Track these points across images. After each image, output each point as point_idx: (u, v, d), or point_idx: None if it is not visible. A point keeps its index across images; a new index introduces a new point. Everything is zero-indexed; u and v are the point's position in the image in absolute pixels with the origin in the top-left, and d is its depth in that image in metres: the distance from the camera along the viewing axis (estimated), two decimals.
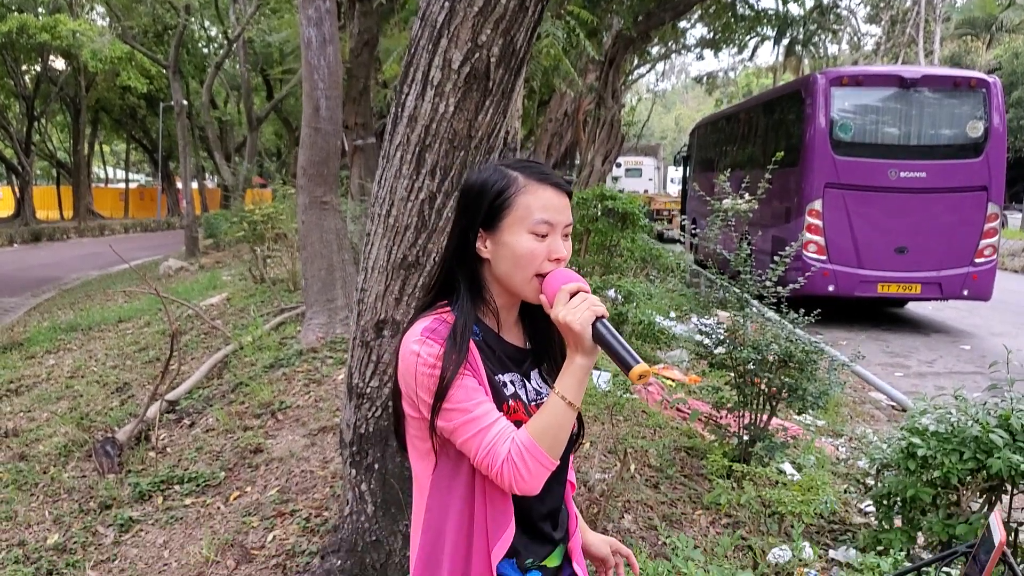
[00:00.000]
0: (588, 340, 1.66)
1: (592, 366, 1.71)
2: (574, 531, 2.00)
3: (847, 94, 12.97)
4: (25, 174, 38.63)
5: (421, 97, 3.41)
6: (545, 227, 1.76)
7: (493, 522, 1.77)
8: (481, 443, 1.70)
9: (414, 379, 1.74)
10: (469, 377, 1.73)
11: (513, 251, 1.76)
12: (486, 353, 1.81)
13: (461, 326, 1.76)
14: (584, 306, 1.67)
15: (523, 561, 1.84)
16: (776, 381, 5.01)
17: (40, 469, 5.64)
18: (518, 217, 1.76)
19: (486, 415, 1.71)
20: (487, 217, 1.79)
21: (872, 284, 12.79)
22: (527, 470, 1.67)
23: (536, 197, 1.77)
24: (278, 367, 6.69)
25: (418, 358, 1.74)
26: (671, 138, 75.63)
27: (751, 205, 5.85)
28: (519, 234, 1.76)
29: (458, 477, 1.79)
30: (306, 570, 3.88)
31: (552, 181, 1.79)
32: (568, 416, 1.69)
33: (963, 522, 3.82)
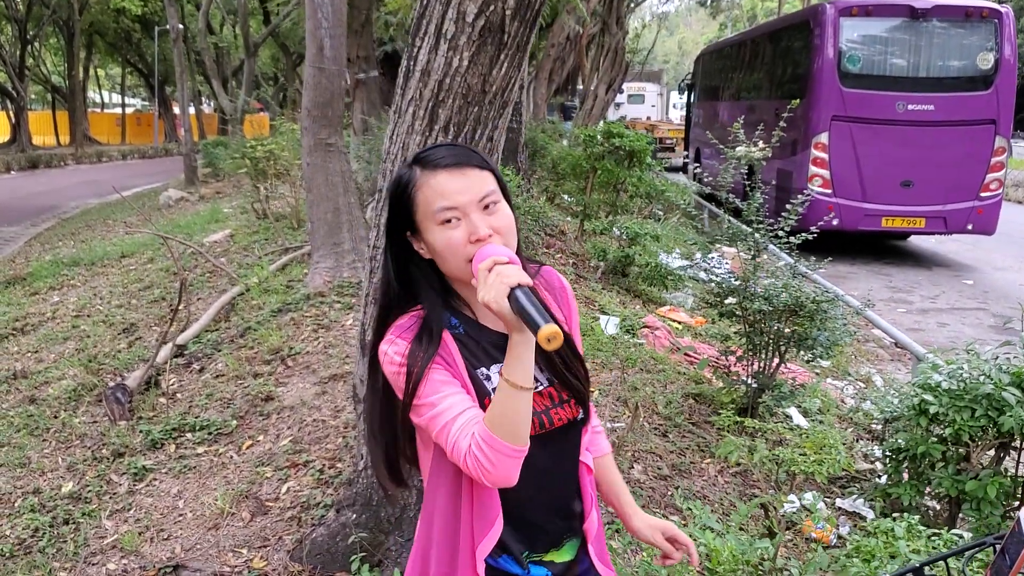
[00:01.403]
0: (508, 315, 1.54)
1: (531, 341, 1.57)
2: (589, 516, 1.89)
3: (856, 24, 12.76)
4: (20, 99, 38.11)
5: (434, 51, 3.33)
6: (449, 213, 1.66)
7: (479, 518, 1.72)
8: (446, 438, 1.63)
9: (390, 379, 1.72)
10: (439, 370, 1.68)
11: (435, 249, 1.70)
12: (468, 346, 1.75)
13: (434, 320, 1.72)
14: (496, 281, 1.55)
15: (521, 556, 1.79)
16: (786, 330, 5.01)
17: (50, 414, 5.67)
18: (424, 214, 1.69)
19: (450, 408, 1.65)
20: (406, 221, 1.74)
21: (877, 218, 12.76)
22: (489, 463, 1.58)
23: (431, 188, 1.68)
24: (286, 311, 6.68)
25: (385, 357, 1.71)
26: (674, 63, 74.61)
27: (765, 153, 5.77)
28: (431, 230, 1.69)
29: (444, 470, 1.74)
30: (321, 523, 3.92)
31: (447, 163, 1.69)
32: (521, 399, 1.58)
33: (972, 478, 3.85)
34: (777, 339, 5.15)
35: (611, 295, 7.91)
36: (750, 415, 5.20)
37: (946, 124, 12.52)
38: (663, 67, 54.64)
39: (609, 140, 9.56)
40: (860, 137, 12.56)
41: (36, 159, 34.38)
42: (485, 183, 1.70)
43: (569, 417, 1.80)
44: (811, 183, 12.53)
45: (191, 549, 3.98)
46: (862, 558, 2.83)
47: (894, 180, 12.64)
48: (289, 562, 3.79)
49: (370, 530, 3.73)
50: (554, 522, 1.83)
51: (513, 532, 1.77)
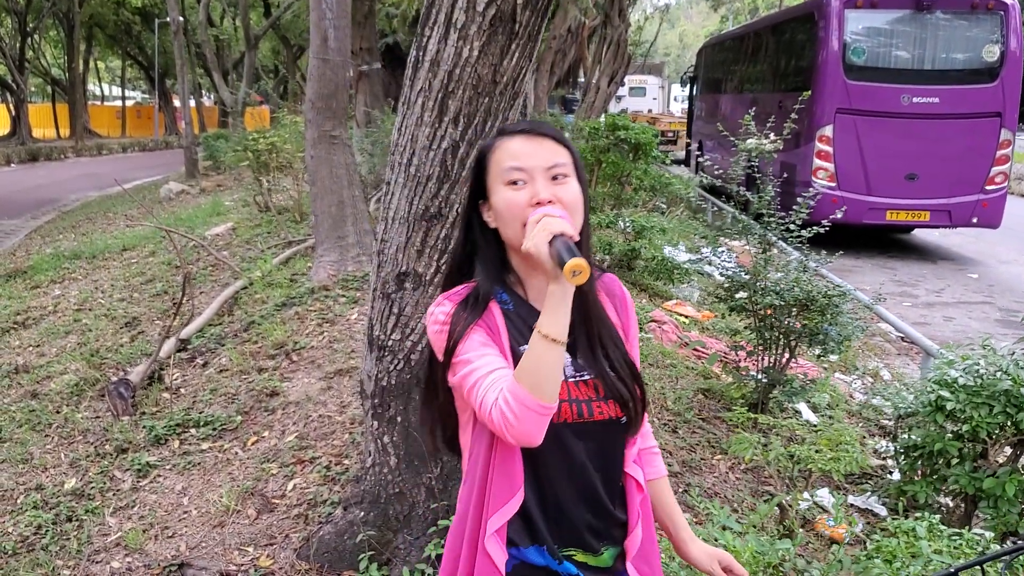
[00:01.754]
0: (547, 261, 1.55)
1: (569, 292, 1.57)
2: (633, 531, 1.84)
3: (861, 16, 12.69)
4: (20, 92, 38.02)
5: (444, 40, 3.27)
6: (516, 173, 1.70)
7: (498, 489, 1.70)
8: (478, 392, 1.63)
9: (432, 339, 1.74)
10: (481, 333, 1.70)
11: (498, 209, 1.72)
12: (514, 322, 1.75)
13: (484, 289, 1.75)
14: (537, 228, 1.58)
15: (552, 548, 1.75)
16: (797, 325, 4.95)
17: (53, 408, 5.62)
18: (494, 175, 1.73)
19: (485, 365, 1.65)
20: (479, 187, 1.78)
21: (881, 211, 12.70)
22: (514, 415, 1.55)
23: (504, 150, 1.73)
24: (290, 305, 6.62)
25: (431, 317, 1.74)
26: (675, 55, 74.46)
27: (776, 146, 5.70)
28: (499, 191, 1.72)
29: (482, 442, 1.74)
30: (328, 521, 3.86)
31: (522, 129, 1.76)
32: (552, 352, 1.56)
33: (990, 475, 3.80)
34: (788, 334, 5.09)
35: None
36: (760, 411, 5.14)
37: (951, 117, 12.45)
38: (664, 60, 54.52)
39: (614, 132, 9.49)
40: (864, 130, 12.50)
41: (36, 152, 34.27)
42: (557, 154, 1.73)
43: (611, 415, 1.77)
44: (815, 176, 12.48)
45: (196, 547, 3.93)
46: (883, 558, 2.77)
47: (899, 173, 12.58)
48: (296, 560, 3.74)
49: (378, 528, 3.68)
50: (586, 519, 1.78)
51: (544, 520, 1.75)
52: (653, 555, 1.90)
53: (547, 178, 1.70)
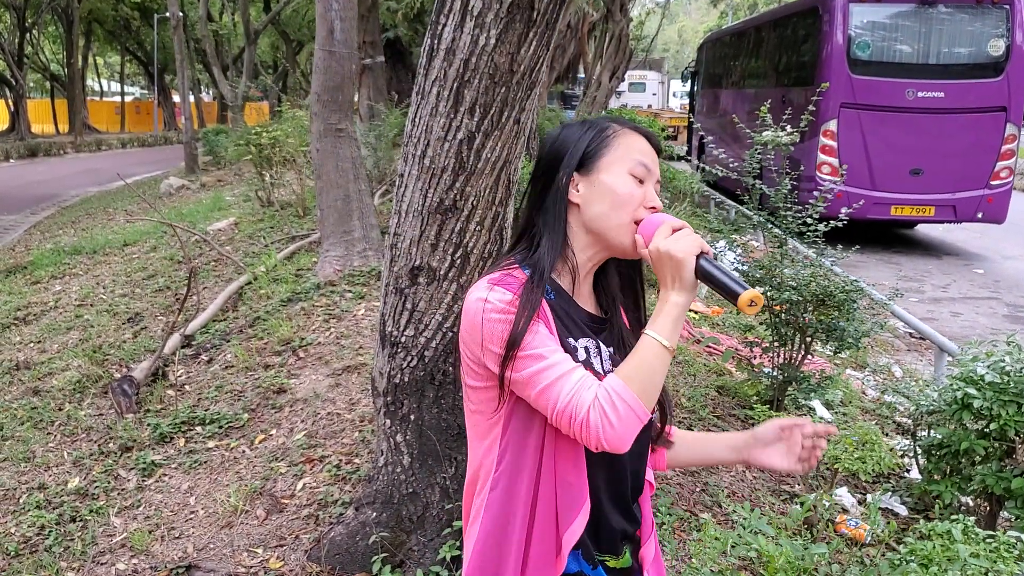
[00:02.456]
0: (689, 271, 1.53)
1: (689, 305, 1.57)
2: (648, 537, 1.83)
3: (865, 11, 12.61)
4: (19, 87, 37.90)
5: (460, 28, 3.18)
6: (643, 170, 1.67)
7: (564, 502, 1.62)
8: (562, 390, 1.52)
9: (480, 329, 1.59)
10: (542, 325, 1.60)
11: (613, 190, 1.65)
12: (557, 314, 1.66)
13: (538, 274, 1.64)
14: (688, 238, 1.55)
15: (591, 553, 1.70)
16: (814, 321, 4.86)
17: (55, 406, 5.52)
18: (618, 157, 1.67)
19: (563, 362, 1.56)
20: (584, 157, 1.69)
21: (886, 206, 12.63)
22: (617, 416, 1.49)
23: (635, 140, 1.70)
24: (296, 301, 6.52)
25: (485, 303, 1.59)
26: (674, 51, 74.32)
27: (793, 138, 5.61)
28: (619, 174, 1.66)
29: (527, 448, 1.64)
30: (340, 521, 3.77)
31: (646, 133, 1.73)
32: (662, 359, 1.53)
33: (1019, 475, 3.71)
34: (804, 330, 5.00)
35: None
36: (776, 408, 5.06)
37: (956, 111, 12.38)
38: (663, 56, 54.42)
39: None
40: (869, 124, 12.42)
41: (35, 147, 34.14)
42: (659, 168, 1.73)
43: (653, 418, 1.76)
44: (820, 171, 12.40)
45: (204, 548, 3.84)
46: (919, 562, 2.69)
47: (903, 168, 12.51)
48: (307, 562, 3.65)
49: (391, 529, 3.59)
50: (620, 520, 1.75)
51: (589, 525, 1.68)
52: (660, 566, 1.90)
53: (656, 184, 1.70)
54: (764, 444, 1.85)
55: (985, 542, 2.88)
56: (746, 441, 1.87)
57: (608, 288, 1.80)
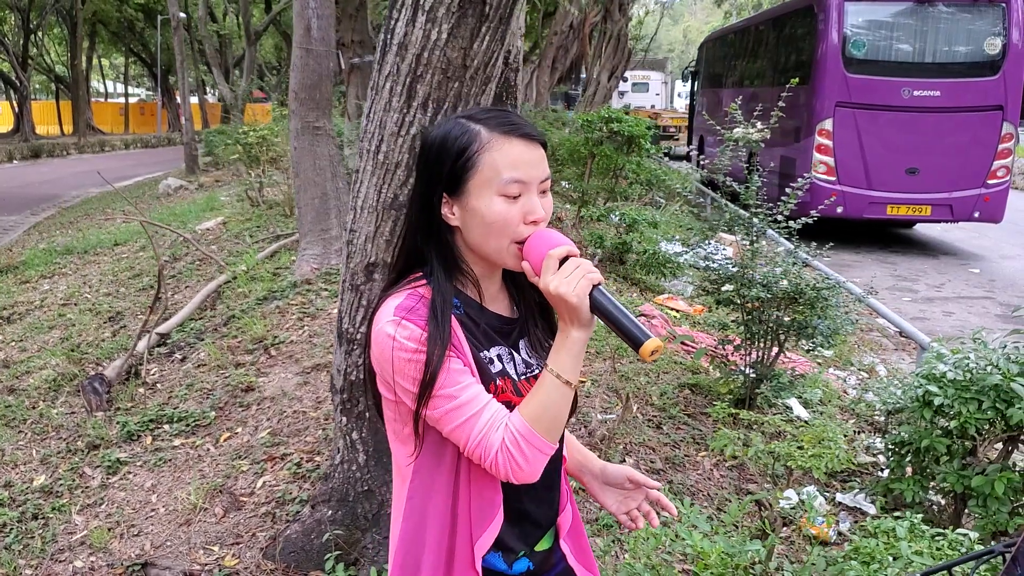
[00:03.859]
0: (586, 312, 1.47)
1: (588, 338, 1.52)
2: (564, 507, 1.82)
3: (861, 9, 12.57)
4: (23, 89, 38.03)
5: (412, 23, 3.16)
6: (517, 187, 1.54)
7: (478, 513, 1.61)
8: (471, 433, 1.51)
9: (391, 365, 1.53)
10: (454, 359, 1.54)
11: (483, 218, 1.55)
12: (469, 328, 1.61)
13: (440, 303, 1.55)
14: (579, 274, 1.47)
15: (510, 552, 1.69)
16: (785, 319, 4.83)
17: (29, 404, 5.51)
18: (485, 179, 1.54)
19: (474, 400, 1.52)
20: (450, 181, 1.57)
21: (881, 206, 12.58)
22: (524, 458, 1.49)
23: (503, 154, 1.54)
24: (272, 300, 6.50)
25: (394, 343, 1.52)
26: (679, 51, 74.20)
27: (764, 135, 5.57)
28: (488, 198, 1.54)
29: (442, 463, 1.61)
30: (296, 519, 3.75)
31: (521, 132, 1.56)
32: (565, 396, 1.51)
33: (979, 473, 3.67)
34: (776, 328, 4.97)
35: (607, 283, 7.73)
36: (748, 406, 5.02)
37: (952, 110, 12.32)
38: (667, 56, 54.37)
39: (607, 125, 9.36)
40: (865, 124, 12.37)
41: (39, 148, 34.21)
42: (545, 163, 1.60)
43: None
44: (815, 170, 12.34)
45: (161, 546, 3.82)
46: (861, 560, 2.65)
47: (899, 167, 12.45)
48: (262, 560, 3.63)
49: (346, 527, 3.57)
50: (546, 514, 1.76)
51: (511, 528, 1.67)
52: (580, 530, 1.88)
53: (540, 191, 1.58)
54: (605, 483, 1.88)
55: (933, 539, 2.85)
56: (592, 471, 1.89)
57: (516, 280, 1.75)
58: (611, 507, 1.88)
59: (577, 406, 1.81)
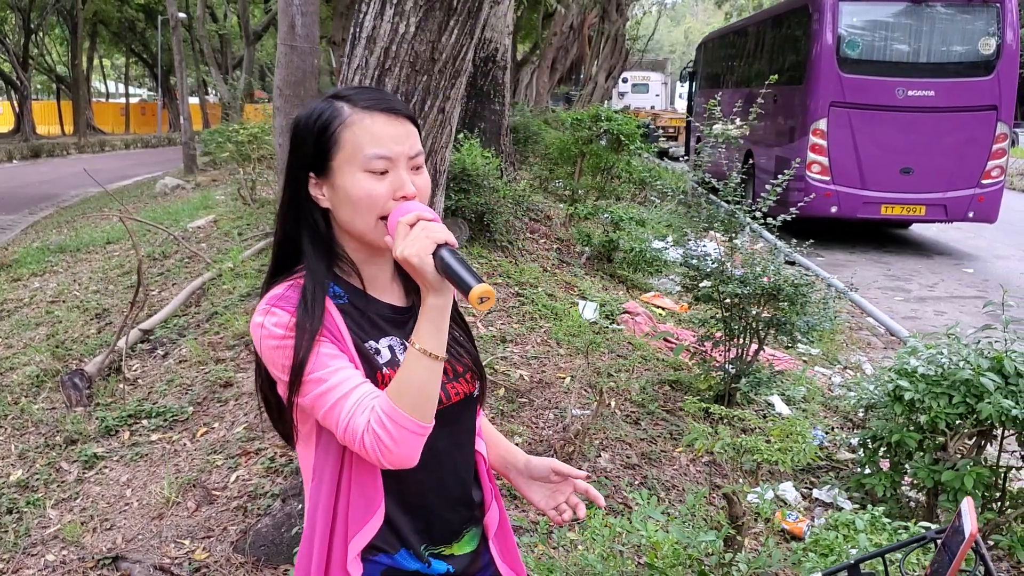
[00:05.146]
0: (431, 273, 1.41)
1: (448, 305, 1.47)
2: (489, 505, 1.77)
3: (855, 9, 12.56)
4: (23, 89, 38.12)
5: (380, 16, 3.18)
6: (381, 163, 1.50)
7: (356, 509, 1.55)
8: (340, 414, 1.45)
9: (265, 355, 1.51)
10: (326, 343, 1.50)
11: (349, 195, 1.51)
12: (353, 317, 1.57)
13: (311, 288, 1.52)
14: (421, 235, 1.42)
15: (420, 549, 1.63)
16: (763, 316, 4.83)
17: (11, 400, 5.52)
18: (347, 156, 1.51)
19: (343, 383, 1.47)
20: (315, 160, 1.54)
21: (876, 206, 12.56)
22: (392, 440, 1.42)
23: (364, 129, 1.51)
24: (255, 296, 6.50)
25: (262, 330, 1.50)
26: (680, 52, 74.21)
27: (743, 131, 5.57)
28: (352, 175, 1.51)
29: (328, 460, 1.57)
30: (267, 513, 3.76)
31: (384, 107, 1.53)
32: (431, 369, 1.44)
33: (950, 468, 3.67)
34: (755, 324, 4.97)
35: (593, 280, 7.74)
36: (727, 402, 5.02)
37: (946, 110, 12.31)
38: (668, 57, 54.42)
39: (597, 124, 9.36)
40: (859, 123, 12.36)
41: (39, 148, 34.24)
42: (416, 139, 1.56)
43: (466, 392, 1.66)
44: (809, 170, 12.34)
45: (133, 540, 3.83)
46: (820, 552, 2.65)
47: (894, 167, 12.43)
48: (232, 553, 3.63)
49: None
50: (455, 511, 1.68)
51: (411, 522, 1.62)
52: (508, 531, 1.83)
53: (408, 167, 1.54)
54: (530, 477, 1.84)
55: (895, 532, 2.84)
56: (517, 466, 1.86)
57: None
58: (539, 502, 1.84)
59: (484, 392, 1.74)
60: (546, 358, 5.40)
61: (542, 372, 5.20)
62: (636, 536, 2.49)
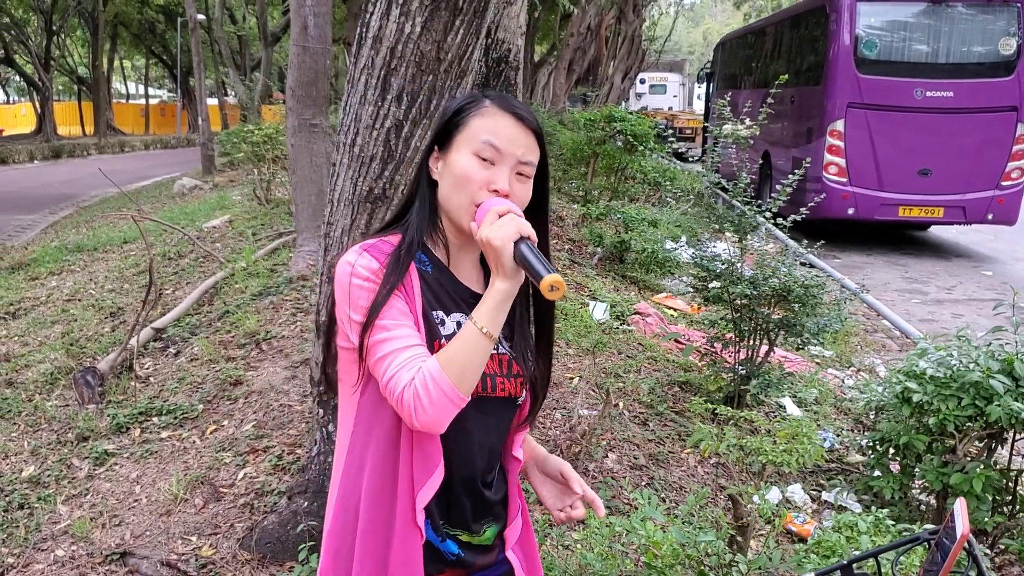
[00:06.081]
0: (508, 258, 1.51)
1: (514, 293, 1.56)
2: (513, 518, 1.83)
3: (874, 9, 12.48)
4: (45, 90, 38.44)
5: (386, 16, 3.19)
6: (489, 151, 1.62)
7: (420, 464, 1.62)
8: (390, 365, 1.54)
9: (346, 292, 1.60)
10: (400, 299, 1.60)
11: (452, 170, 1.64)
12: (430, 285, 1.67)
13: (406, 244, 1.64)
14: (509, 223, 1.52)
15: (439, 524, 1.69)
16: (773, 317, 4.81)
17: (25, 397, 5.57)
18: (467, 136, 1.65)
19: (403, 338, 1.57)
20: (442, 134, 1.69)
21: (893, 207, 12.47)
22: (429, 400, 1.50)
23: (491, 120, 1.65)
24: (267, 295, 6.54)
25: (352, 269, 1.60)
26: (699, 53, 73.97)
27: (752, 131, 5.55)
28: (463, 153, 1.64)
29: (382, 414, 1.63)
30: (273, 510, 3.77)
31: (515, 111, 1.66)
32: (482, 346, 1.53)
33: (958, 470, 3.64)
34: (765, 325, 4.94)
35: (605, 281, 7.73)
36: (736, 404, 5.00)
37: (966, 111, 12.21)
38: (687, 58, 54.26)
39: (610, 124, 9.33)
40: (877, 124, 12.28)
41: (59, 149, 34.49)
42: (533, 152, 1.67)
43: (511, 392, 1.72)
44: (826, 171, 12.27)
45: (141, 536, 3.85)
46: (822, 554, 2.64)
47: (912, 168, 12.34)
48: (238, 550, 3.65)
49: (321, 518, 3.55)
50: (472, 495, 1.73)
51: (438, 496, 1.67)
52: (531, 545, 1.89)
53: (513, 171, 1.64)
54: (544, 473, 1.90)
55: (899, 534, 2.82)
56: (536, 458, 1.91)
57: None
58: (546, 499, 1.89)
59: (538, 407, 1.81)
60: (554, 358, 5.39)
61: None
62: (635, 536, 2.48)
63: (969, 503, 3.62)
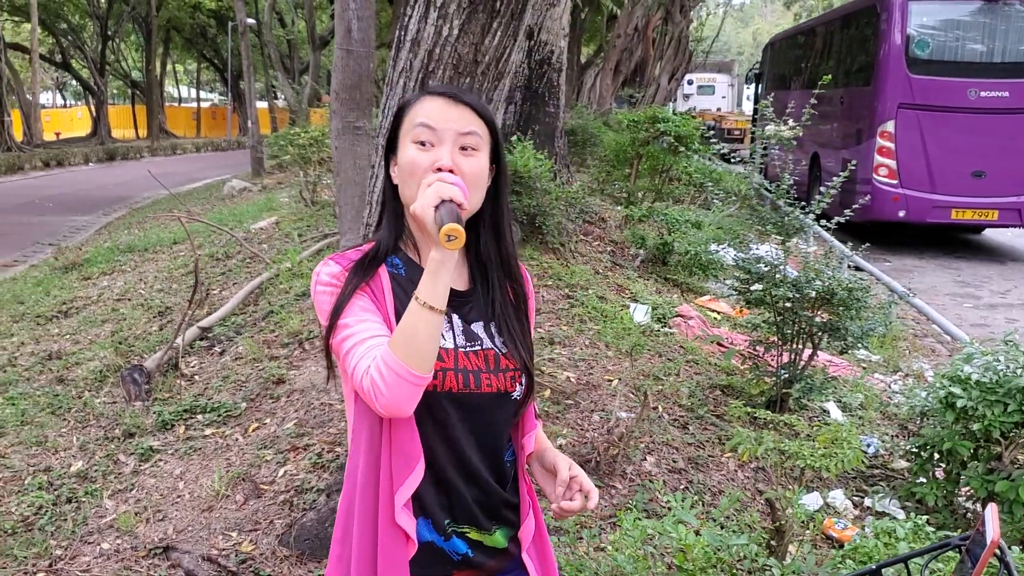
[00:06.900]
0: (431, 225, 1.50)
1: (448, 261, 1.52)
2: (525, 516, 1.81)
3: (926, 8, 12.27)
4: (100, 93, 39.27)
5: (424, 19, 3.22)
6: (425, 132, 1.64)
7: (399, 461, 1.62)
8: (352, 358, 1.57)
9: (315, 300, 1.67)
10: (364, 299, 1.64)
11: (401, 166, 1.67)
12: (403, 286, 1.68)
13: (373, 250, 1.69)
14: (430, 191, 1.52)
15: (443, 523, 1.69)
16: (816, 320, 4.75)
17: (75, 394, 5.70)
18: (406, 130, 1.68)
19: (363, 331, 1.59)
20: (390, 141, 1.75)
21: (946, 210, 12.23)
22: (384, 382, 1.50)
23: (421, 105, 1.67)
24: (310, 296, 6.61)
25: (317, 277, 1.67)
26: (748, 54, 73.27)
27: (795, 132, 5.49)
28: (405, 147, 1.67)
29: (366, 412, 1.64)
30: (312, 507, 3.82)
31: (446, 91, 1.70)
32: (424, 318, 1.50)
33: (1004, 477, 3.57)
34: (809, 328, 4.88)
35: (647, 284, 7.68)
36: (779, 408, 4.94)
37: (1021, 111, 11.94)
38: (736, 59, 53.76)
39: (654, 125, 9.28)
40: (929, 125, 12.06)
41: (113, 151, 35.18)
42: (472, 123, 1.67)
43: (499, 387, 1.71)
44: (876, 173, 12.09)
45: (183, 531, 3.92)
46: (859, 560, 2.60)
47: (965, 170, 12.10)
48: (277, 547, 3.70)
49: None
50: (475, 495, 1.72)
51: (435, 495, 1.69)
52: (545, 545, 1.87)
53: (455, 146, 1.64)
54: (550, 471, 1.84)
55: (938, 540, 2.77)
56: (545, 455, 1.87)
57: (481, 257, 1.78)
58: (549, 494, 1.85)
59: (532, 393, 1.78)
60: (594, 360, 5.38)
61: (589, 374, 5.19)
62: (668, 538, 2.47)
63: (1016, 511, 3.55)
